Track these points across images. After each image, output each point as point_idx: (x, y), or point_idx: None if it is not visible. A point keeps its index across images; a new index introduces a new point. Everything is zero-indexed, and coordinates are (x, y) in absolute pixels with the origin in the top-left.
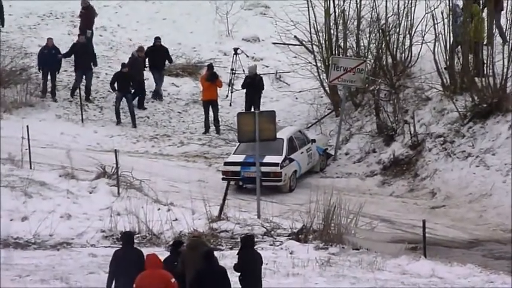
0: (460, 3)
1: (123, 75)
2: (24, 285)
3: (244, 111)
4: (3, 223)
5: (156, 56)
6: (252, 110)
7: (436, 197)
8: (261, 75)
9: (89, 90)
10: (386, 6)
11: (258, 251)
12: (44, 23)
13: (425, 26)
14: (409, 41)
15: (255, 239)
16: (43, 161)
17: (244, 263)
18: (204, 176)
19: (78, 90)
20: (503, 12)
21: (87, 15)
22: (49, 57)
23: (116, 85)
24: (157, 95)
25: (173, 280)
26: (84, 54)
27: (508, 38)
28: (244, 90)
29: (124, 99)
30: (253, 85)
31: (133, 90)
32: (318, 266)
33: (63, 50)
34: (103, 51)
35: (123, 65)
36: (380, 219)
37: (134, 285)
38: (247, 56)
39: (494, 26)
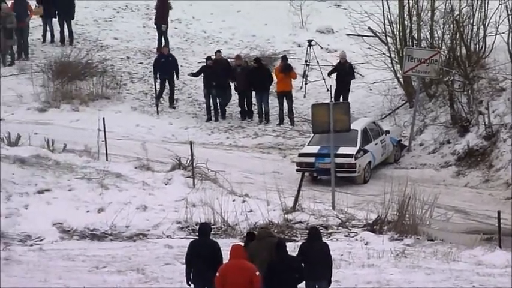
0: None
1: (209, 69)
2: (102, 276)
3: (319, 102)
4: (80, 214)
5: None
6: (341, 98)
7: (511, 187)
8: (351, 63)
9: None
10: None
11: (333, 242)
12: (119, 16)
13: (499, 16)
14: (483, 31)
15: (330, 230)
16: (119, 153)
17: (304, 254)
18: (279, 167)
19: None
20: None
21: (162, 9)
22: (165, 65)
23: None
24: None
25: (257, 273)
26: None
27: None
28: (334, 78)
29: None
30: (343, 72)
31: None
32: (393, 257)
33: (139, 42)
34: (178, 43)
35: (208, 58)
36: (455, 210)
37: (218, 274)
38: (321, 48)
39: None
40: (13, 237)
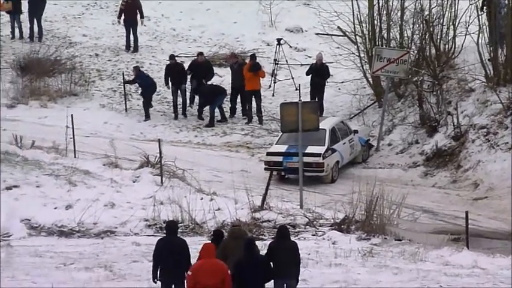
0: None
1: (174, 67)
2: (69, 272)
3: (287, 101)
4: (48, 211)
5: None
6: (316, 99)
7: (478, 188)
8: (327, 64)
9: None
10: None
11: (300, 241)
12: (88, 13)
13: (469, 17)
14: (452, 32)
15: (298, 229)
16: (87, 150)
17: (273, 253)
18: (247, 166)
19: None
20: None
21: (132, 6)
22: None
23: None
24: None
25: (229, 272)
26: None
27: None
28: (309, 78)
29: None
30: (319, 73)
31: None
32: (360, 257)
33: (108, 39)
34: (147, 41)
35: (171, 56)
36: (422, 210)
37: (190, 273)
38: (290, 47)
39: None
40: None
